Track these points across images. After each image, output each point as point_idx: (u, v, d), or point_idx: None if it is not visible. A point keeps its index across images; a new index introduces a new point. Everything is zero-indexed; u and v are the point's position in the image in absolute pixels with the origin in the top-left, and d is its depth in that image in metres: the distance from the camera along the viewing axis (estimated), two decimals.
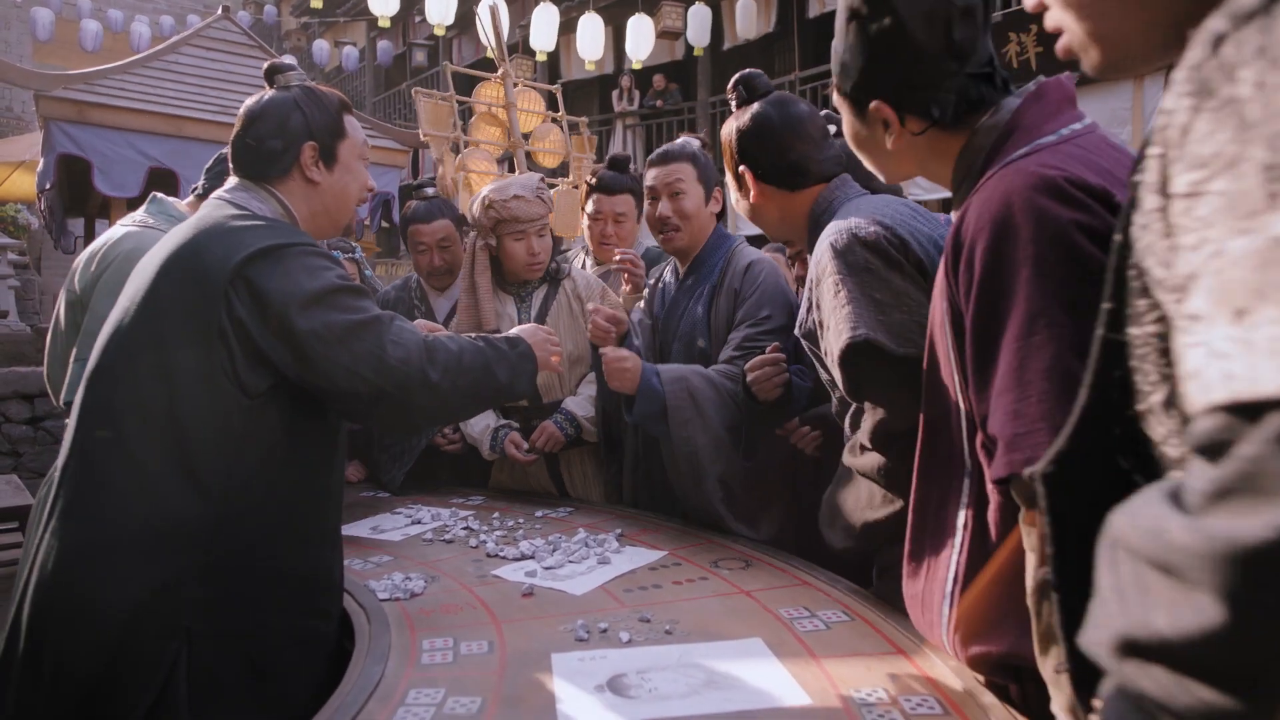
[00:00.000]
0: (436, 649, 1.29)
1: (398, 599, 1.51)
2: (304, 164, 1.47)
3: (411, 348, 1.39)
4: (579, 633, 1.33)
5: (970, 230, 0.94)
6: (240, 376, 1.30)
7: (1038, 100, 1.03)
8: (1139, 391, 0.57)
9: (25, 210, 11.70)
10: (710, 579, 1.61)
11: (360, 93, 16.22)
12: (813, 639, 1.31)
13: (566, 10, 5.80)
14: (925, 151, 1.11)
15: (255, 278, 1.31)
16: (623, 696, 1.13)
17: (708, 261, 2.15)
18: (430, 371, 1.39)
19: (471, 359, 1.48)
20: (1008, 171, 0.94)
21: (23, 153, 8.11)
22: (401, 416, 1.51)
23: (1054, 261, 0.86)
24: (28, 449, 6.21)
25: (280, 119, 1.46)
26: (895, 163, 1.16)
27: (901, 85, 1.07)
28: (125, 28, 12.19)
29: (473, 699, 1.13)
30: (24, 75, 4.98)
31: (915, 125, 1.08)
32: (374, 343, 1.36)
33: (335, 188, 1.52)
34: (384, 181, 5.98)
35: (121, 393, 1.32)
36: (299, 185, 1.48)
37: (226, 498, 1.30)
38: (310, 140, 1.47)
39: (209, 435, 1.30)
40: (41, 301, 10.93)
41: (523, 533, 1.94)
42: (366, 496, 2.41)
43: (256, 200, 1.45)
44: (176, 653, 1.25)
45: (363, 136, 1.58)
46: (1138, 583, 0.45)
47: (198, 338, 1.30)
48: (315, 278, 1.35)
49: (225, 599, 1.29)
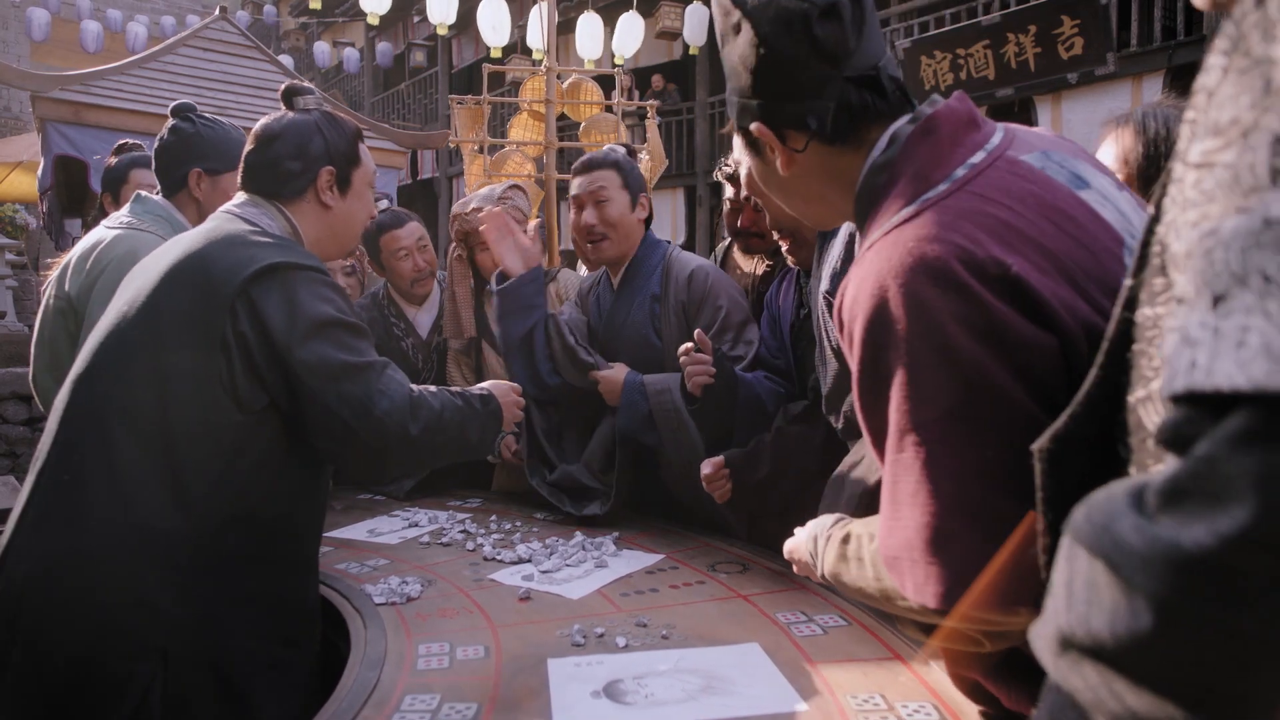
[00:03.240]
0: (432, 654, 1.29)
1: (394, 603, 1.50)
2: (320, 188, 1.49)
3: (398, 401, 1.38)
4: (575, 637, 1.32)
5: (848, 313, 0.85)
6: (237, 390, 1.30)
7: (926, 136, 0.89)
8: (1140, 377, 0.54)
9: (23, 210, 11.68)
10: (707, 583, 1.60)
11: (359, 93, 16.22)
12: (810, 644, 1.30)
13: (565, 10, 5.79)
14: (822, 176, 0.98)
15: (261, 294, 1.31)
16: (619, 703, 1.13)
17: (642, 269, 2.14)
18: (411, 427, 1.39)
19: (450, 417, 1.48)
20: (885, 243, 0.83)
21: (20, 153, 8.11)
22: (373, 465, 1.54)
23: (928, 366, 0.77)
24: (25, 450, 6.19)
25: (301, 142, 1.48)
26: (797, 195, 1.03)
27: (772, 99, 0.95)
28: (123, 28, 12.16)
29: (468, 705, 1.12)
30: (20, 76, 4.97)
31: (796, 141, 0.96)
32: (363, 389, 1.35)
33: (346, 213, 1.53)
34: (382, 183, 5.98)
35: (111, 396, 1.31)
36: (312, 208, 1.50)
37: (208, 513, 1.28)
38: (329, 165, 1.49)
39: (197, 446, 1.29)
40: (39, 302, 10.90)
41: (520, 536, 1.94)
42: (364, 499, 2.40)
43: (266, 217, 1.45)
44: (150, 676, 1.23)
45: (374, 166, 1.61)
46: (1088, 580, 0.44)
47: (198, 346, 1.29)
48: (319, 306, 1.35)
49: (200, 620, 1.27)
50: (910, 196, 0.86)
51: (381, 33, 13.45)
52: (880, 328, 0.79)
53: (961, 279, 0.76)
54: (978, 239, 0.78)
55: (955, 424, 0.76)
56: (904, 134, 0.91)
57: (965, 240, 0.78)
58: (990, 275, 0.76)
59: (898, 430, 0.79)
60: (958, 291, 0.76)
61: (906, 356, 0.77)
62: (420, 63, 14.11)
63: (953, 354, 0.75)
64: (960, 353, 0.75)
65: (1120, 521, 0.42)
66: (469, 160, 3.33)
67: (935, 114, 0.91)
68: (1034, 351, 0.74)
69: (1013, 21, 7.25)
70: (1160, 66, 7.04)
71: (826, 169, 0.97)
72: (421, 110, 14.84)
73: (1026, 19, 7.15)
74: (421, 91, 14.90)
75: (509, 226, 2.12)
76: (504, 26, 4.66)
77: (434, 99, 14.53)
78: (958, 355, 0.75)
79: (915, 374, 0.77)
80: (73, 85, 4.87)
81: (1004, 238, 0.78)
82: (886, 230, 0.85)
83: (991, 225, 0.79)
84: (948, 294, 0.76)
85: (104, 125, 4.87)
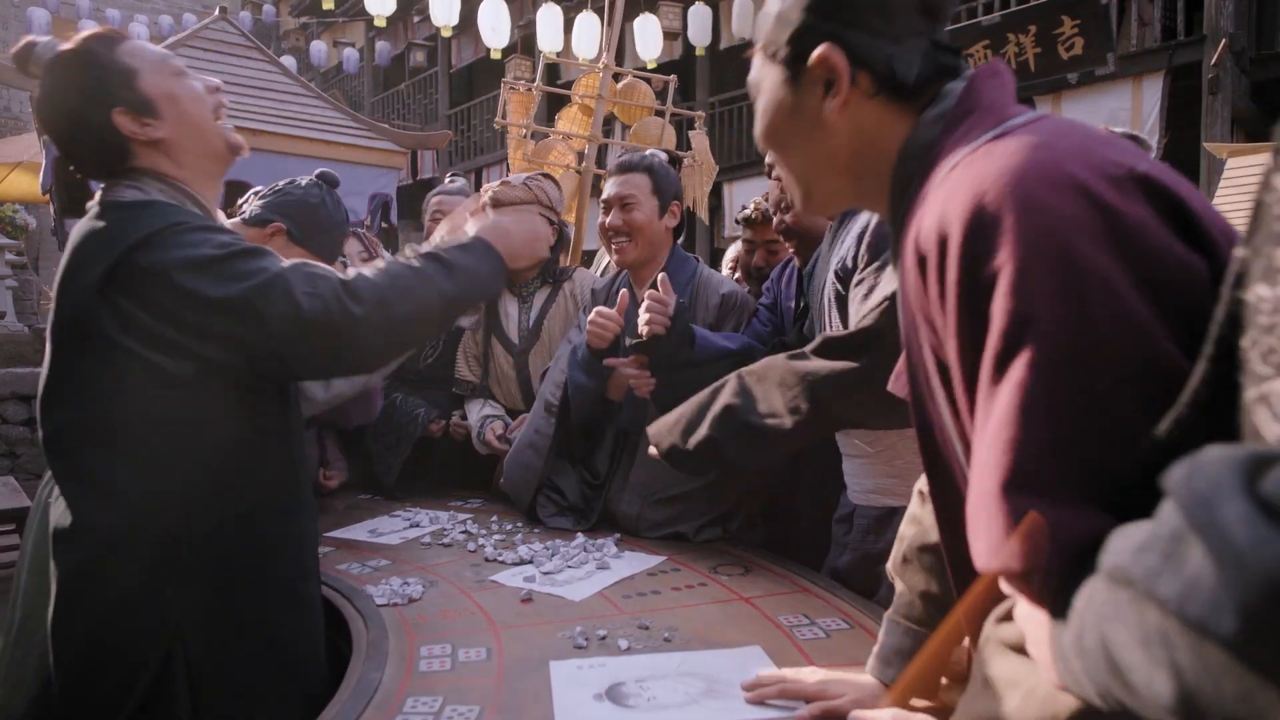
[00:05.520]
0: (434, 656, 1.29)
1: (395, 604, 1.50)
2: (131, 134, 1.28)
3: (326, 293, 1.24)
4: (577, 640, 1.32)
5: (933, 234, 0.71)
6: (156, 368, 1.22)
7: (994, 78, 0.82)
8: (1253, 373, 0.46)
9: (23, 210, 11.67)
10: (709, 585, 1.60)
11: (359, 93, 16.22)
12: (812, 647, 1.30)
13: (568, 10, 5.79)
14: (863, 135, 0.86)
15: (131, 277, 1.21)
16: (621, 706, 1.13)
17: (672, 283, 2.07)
18: (354, 308, 1.25)
19: (404, 280, 1.32)
20: (975, 159, 0.72)
21: (20, 153, 8.10)
22: (336, 362, 1.36)
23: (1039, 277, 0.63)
24: (25, 450, 6.20)
25: (66, 110, 1.28)
26: (823, 149, 0.89)
27: (861, 28, 0.84)
28: (123, 28, 12.17)
29: (470, 708, 1.12)
30: (20, 76, 4.96)
31: (867, 85, 0.84)
32: (284, 304, 1.21)
33: (178, 124, 1.32)
34: (382, 183, 5.97)
35: (61, 411, 1.29)
36: (148, 153, 1.30)
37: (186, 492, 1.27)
38: (114, 107, 1.27)
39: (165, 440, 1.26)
40: (39, 302, 10.91)
41: (521, 537, 1.94)
42: (364, 499, 2.40)
43: (130, 192, 1.30)
44: (167, 653, 1.23)
45: (155, 50, 1.35)
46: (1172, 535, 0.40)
47: (94, 351, 1.24)
48: (195, 251, 1.21)
49: (211, 592, 1.27)
50: (991, 125, 0.76)
51: (381, 33, 13.45)
52: (979, 237, 0.65)
53: (1080, 177, 0.63)
54: (1088, 145, 0.67)
55: (1063, 348, 0.61)
56: (957, 88, 0.83)
57: (1076, 144, 0.67)
58: (1115, 175, 0.64)
59: (992, 357, 0.64)
60: (1078, 191, 0.63)
61: (1014, 265, 0.63)
62: (420, 63, 14.11)
63: (1072, 263, 0.61)
64: (1081, 261, 0.61)
65: (1228, 503, 0.36)
66: (513, 147, 3.37)
67: (994, 63, 0.85)
68: (1173, 269, 0.61)
69: (1013, 21, 7.26)
70: (1160, 66, 7.05)
71: (870, 127, 0.86)
72: (421, 110, 14.84)
73: (1027, 19, 7.16)
74: (421, 92, 14.90)
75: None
76: (504, 28, 4.67)
77: (434, 99, 14.53)
78: (1078, 264, 0.61)
79: (1022, 288, 0.62)
80: None
81: (1116, 149, 0.67)
82: (973, 149, 0.74)
83: (1096, 139, 0.69)
84: (1065, 194, 0.63)
85: None
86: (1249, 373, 0.46)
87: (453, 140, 12.88)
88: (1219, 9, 6.82)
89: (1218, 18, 6.82)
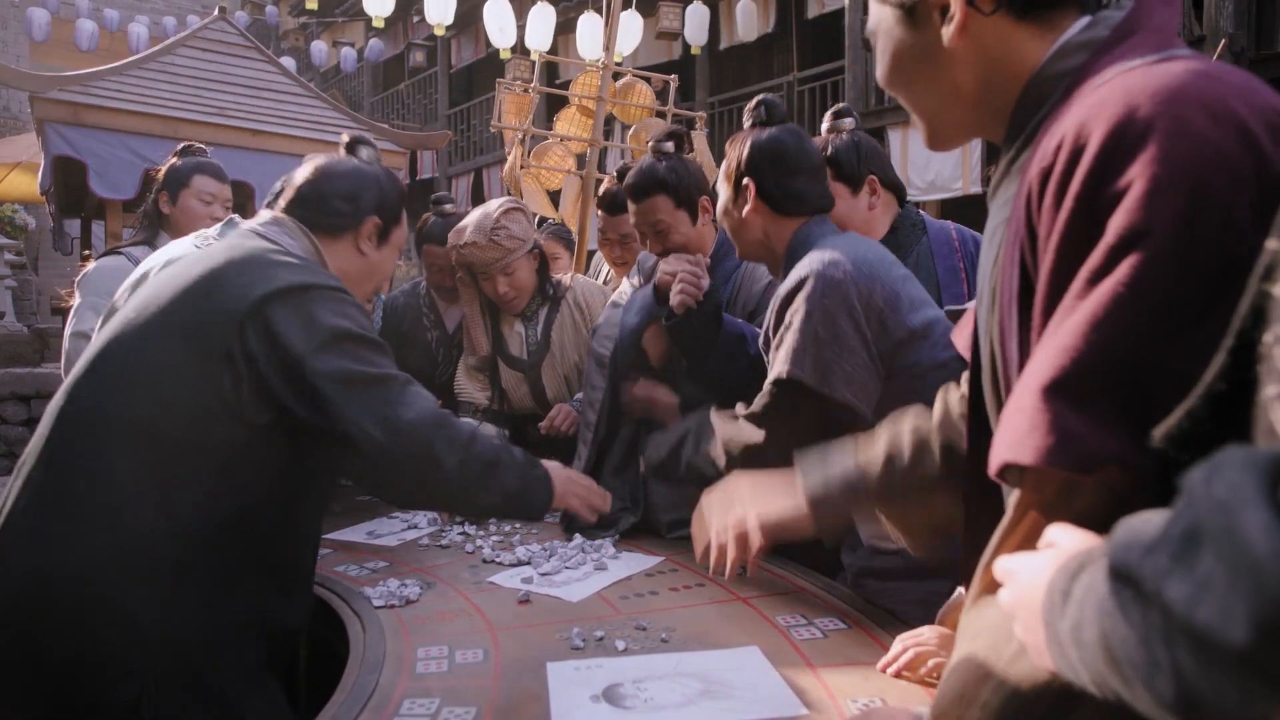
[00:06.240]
0: (431, 657, 1.29)
1: (393, 606, 1.50)
2: (362, 234, 1.54)
3: (425, 414, 1.36)
4: (575, 641, 1.32)
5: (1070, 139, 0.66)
6: (241, 405, 1.28)
7: (1168, 4, 0.76)
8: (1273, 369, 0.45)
9: (22, 210, 11.68)
10: (707, 585, 1.60)
11: (358, 93, 16.21)
12: (810, 647, 1.30)
13: (564, 10, 5.79)
14: (988, 58, 0.81)
15: (277, 313, 1.29)
16: (618, 707, 1.13)
17: (718, 270, 1.99)
18: (438, 444, 1.36)
19: (482, 449, 1.42)
20: (1132, 75, 0.67)
21: (20, 153, 8.11)
22: (398, 484, 1.43)
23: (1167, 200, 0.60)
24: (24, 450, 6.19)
25: (357, 187, 1.53)
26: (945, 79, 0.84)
27: None
28: (122, 28, 12.14)
29: (467, 709, 1.12)
30: (18, 76, 4.95)
31: (986, 3, 0.80)
32: (384, 399, 1.34)
33: (375, 265, 1.58)
34: None
35: (105, 404, 1.29)
36: (346, 249, 1.53)
37: (197, 529, 1.27)
38: (376, 216, 1.55)
39: (188, 459, 1.27)
40: (38, 302, 10.92)
41: (519, 538, 1.94)
42: (363, 500, 2.40)
43: (289, 237, 1.46)
44: (135, 695, 1.21)
45: (407, 232, 1.68)
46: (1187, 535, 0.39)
47: (200, 361, 1.27)
48: (337, 320, 1.34)
49: (185, 638, 1.26)
50: (1154, 48, 0.72)
51: (381, 33, 13.45)
52: (1118, 149, 0.62)
53: (1242, 115, 0.60)
54: (1255, 87, 0.64)
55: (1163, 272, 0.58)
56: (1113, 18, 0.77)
57: (1243, 83, 0.64)
58: (1276, 124, 0.61)
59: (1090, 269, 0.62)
60: (1238, 129, 0.60)
61: (1147, 182, 0.59)
62: (420, 63, 14.11)
63: (1208, 196, 0.58)
64: (1217, 196, 0.58)
65: (1247, 509, 0.35)
66: (510, 148, 3.35)
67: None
68: None
69: None
70: None
71: (996, 50, 0.81)
72: (421, 110, 14.84)
73: None
74: (421, 91, 14.91)
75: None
76: (510, 28, 4.66)
77: (433, 99, 14.53)
78: (1213, 199, 0.58)
79: (1149, 205, 0.59)
80: (71, 86, 4.85)
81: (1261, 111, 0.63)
82: (1129, 69, 0.69)
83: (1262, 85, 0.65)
84: (1223, 127, 0.60)
85: (103, 126, 4.84)
86: (1270, 369, 0.45)
87: (452, 140, 12.87)
88: (1219, 9, 6.82)
89: (1217, 18, 6.82)
